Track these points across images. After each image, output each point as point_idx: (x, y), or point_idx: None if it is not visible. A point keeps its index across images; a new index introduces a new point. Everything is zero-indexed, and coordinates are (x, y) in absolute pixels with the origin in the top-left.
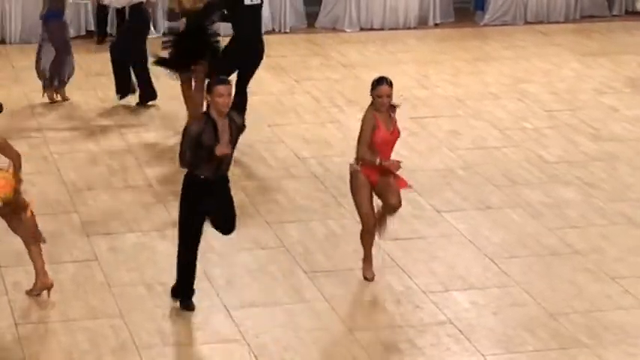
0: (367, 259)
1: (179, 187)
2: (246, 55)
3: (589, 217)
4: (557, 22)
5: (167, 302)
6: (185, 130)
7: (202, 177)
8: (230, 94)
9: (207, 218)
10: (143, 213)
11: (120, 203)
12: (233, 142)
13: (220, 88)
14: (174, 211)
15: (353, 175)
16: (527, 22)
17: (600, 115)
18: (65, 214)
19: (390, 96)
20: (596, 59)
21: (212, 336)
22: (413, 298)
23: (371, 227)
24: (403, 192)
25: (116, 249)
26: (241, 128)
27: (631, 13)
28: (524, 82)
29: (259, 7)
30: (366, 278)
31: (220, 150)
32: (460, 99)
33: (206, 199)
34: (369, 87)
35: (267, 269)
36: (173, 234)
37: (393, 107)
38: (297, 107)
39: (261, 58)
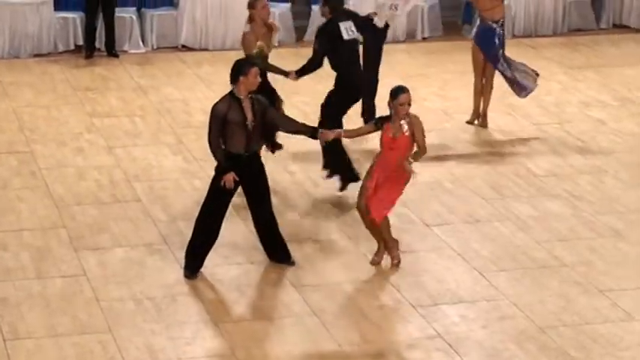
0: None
1: (168, 202)
2: (352, 92)
3: (577, 230)
4: (545, 36)
5: (156, 317)
6: (212, 110)
7: (234, 153)
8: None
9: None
10: (131, 228)
11: (108, 218)
12: (257, 119)
13: (255, 71)
14: (162, 227)
15: None
16: (514, 36)
17: (588, 128)
18: (53, 229)
19: (409, 103)
20: (583, 72)
21: (201, 351)
22: (402, 312)
23: (359, 211)
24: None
25: (105, 264)
26: (265, 108)
27: (618, 27)
28: (512, 95)
29: (356, 41)
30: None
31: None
32: (448, 112)
33: (239, 174)
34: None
35: (256, 284)
36: (161, 249)
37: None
38: None
39: (362, 94)
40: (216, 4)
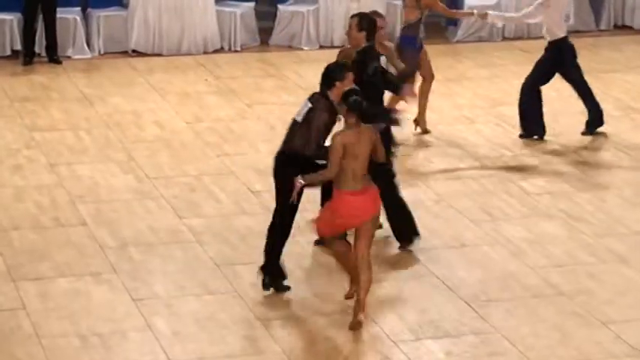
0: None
1: (117, 226)
2: None
3: (575, 254)
4: (538, 38)
5: (104, 356)
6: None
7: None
8: None
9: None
10: (76, 255)
11: (50, 244)
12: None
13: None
14: (111, 254)
15: None
16: (504, 38)
17: (586, 140)
18: None
19: None
20: None
21: None
22: (380, 348)
23: None
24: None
25: (46, 296)
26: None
27: (620, 28)
28: (501, 105)
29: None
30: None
31: None
32: (431, 124)
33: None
34: None
35: (217, 317)
36: (110, 279)
37: None
38: (250, 134)
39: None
40: (170, 4)
